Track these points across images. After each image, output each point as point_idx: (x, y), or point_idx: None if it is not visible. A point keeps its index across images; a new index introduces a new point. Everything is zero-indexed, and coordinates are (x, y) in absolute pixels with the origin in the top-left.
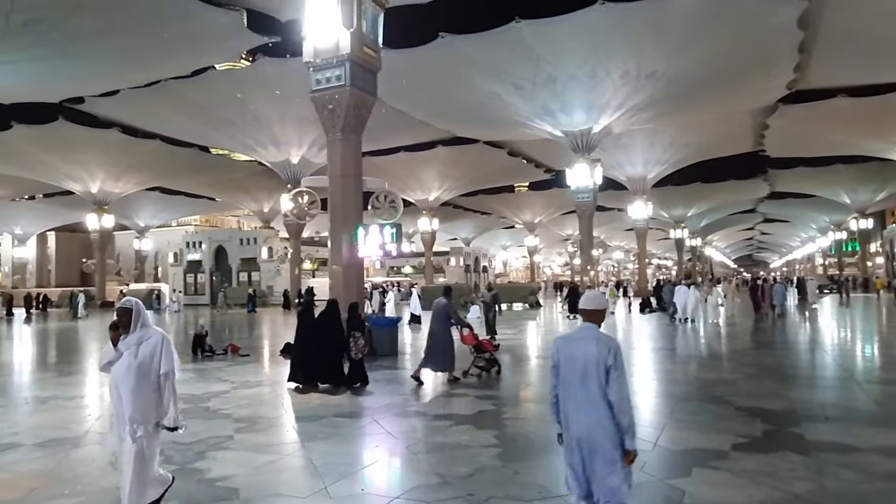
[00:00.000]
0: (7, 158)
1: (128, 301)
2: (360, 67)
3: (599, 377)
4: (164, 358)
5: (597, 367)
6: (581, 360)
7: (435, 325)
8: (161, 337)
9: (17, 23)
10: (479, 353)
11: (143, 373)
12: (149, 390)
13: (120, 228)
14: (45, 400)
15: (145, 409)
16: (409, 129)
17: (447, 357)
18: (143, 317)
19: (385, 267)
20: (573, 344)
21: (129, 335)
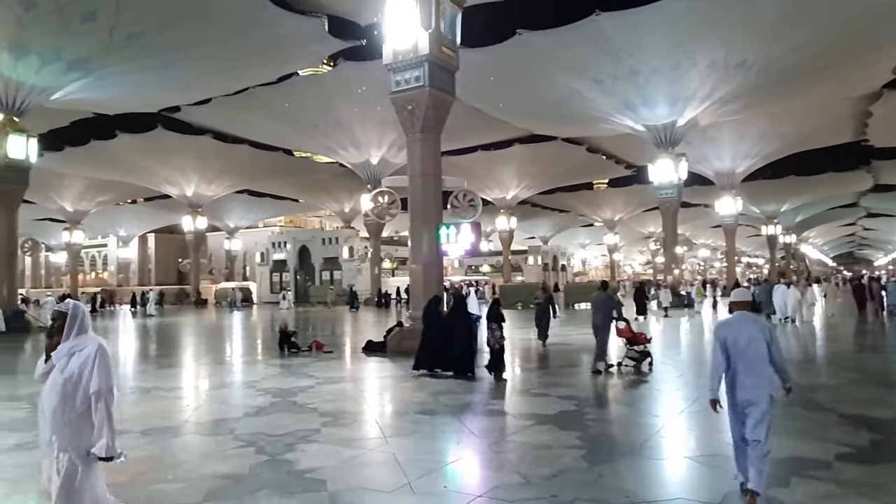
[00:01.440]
0: (112, 165)
1: (65, 304)
2: (439, 67)
3: (761, 348)
4: (95, 373)
5: (758, 342)
6: (745, 338)
7: (596, 317)
8: (96, 348)
9: (119, 37)
10: (632, 345)
11: (70, 390)
12: (76, 411)
13: (212, 230)
14: (149, 390)
15: (72, 434)
16: (486, 128)
17: (602, 347)
18: (82, 323)
19: (463, 266)
20: (735, 327)
21: (62, 344)
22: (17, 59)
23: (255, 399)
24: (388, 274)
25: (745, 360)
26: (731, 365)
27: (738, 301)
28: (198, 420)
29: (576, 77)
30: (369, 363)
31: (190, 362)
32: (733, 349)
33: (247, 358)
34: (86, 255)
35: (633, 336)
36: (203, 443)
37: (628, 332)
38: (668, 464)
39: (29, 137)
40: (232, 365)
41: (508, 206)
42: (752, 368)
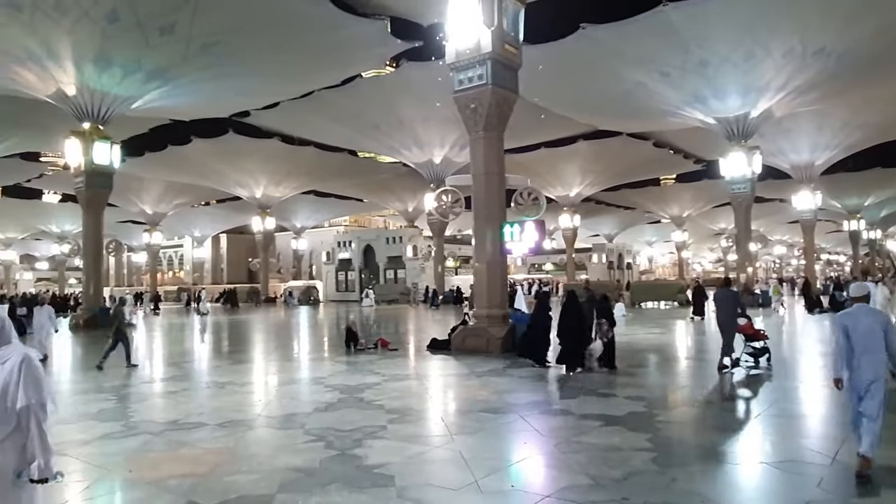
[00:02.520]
0: (188, 169)
1: None
2: (502, 65)
3: (878, 335)
4: (22, 387)
5: (875, 330)
6: (863, 326)
7: (721, 314)
8: (20, 358)
9: (195, 47)
10: (750, 341)
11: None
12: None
13: (280, 230)
14: (223, 385)
15: None
16: (549, 125)
17: (728, 342)
18: (1, 332)
19: (526, 264)
20: (855, 317)
21: None
22: (102, 70)
23: (324, 395)
24: (451, 272)
25: (864, 345)
26: (852, 349)
27: (857, 296)
28: (269, 414)
29: (642, 70)
30: (434, 361)
31: (260, 358)
32: (853, 335)
33: (314, 355)
34: (163, 255)
35: (754, 333)
36: (275, 436)
37: (749, 328)
38: (744, 469)
39: (112, 144)
40: (300, 361)
41: (572, 204)
42: (870, 352)
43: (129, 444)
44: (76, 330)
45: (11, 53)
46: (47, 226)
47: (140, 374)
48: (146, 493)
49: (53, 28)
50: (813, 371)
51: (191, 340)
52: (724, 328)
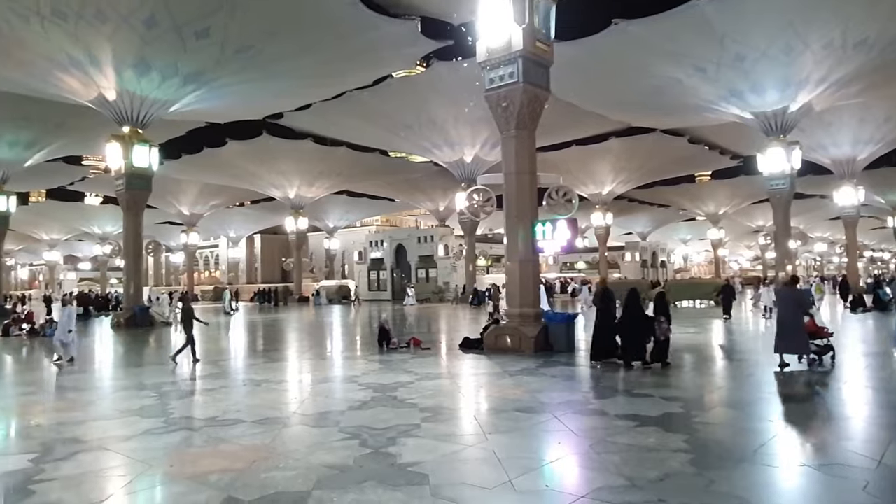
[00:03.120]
0: (223, 170)
1: None
2: (533, 63)
3: None
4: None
5: None
6: None
7: (784, 311)
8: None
9: (229, 50)
10: (814, 339)
11: None
12: None
13: (312, 230)
14: (259, 383)
15: None
16: (580, 122)
17: (799, 340)
18: None
19: (558, 263)
20: None
21: None
22: (141, 75)
23: (357, 393)
24: (482, 271)
25: None
26: None
27: None
28: (304, 412)
29: (676, 66)
30: (466, 360)
31: (294, 357)
32: None
33: (347, 353)
34: (200, 255)
35: (817, 330)
36: (310, 434)
37: (812, 326)
38: (785, 472)
39: (151, 147)
40: (333, 360)
41: (604, 202)
42: None
43: (170, 440)
44: (117, 328)
45: (56, 60)
46: (89, 227)
47: (179, 371)
48: (187, 487)
49: (95, 35)
50: (857, 372)
51: (226, 339)
52: (788, 326)
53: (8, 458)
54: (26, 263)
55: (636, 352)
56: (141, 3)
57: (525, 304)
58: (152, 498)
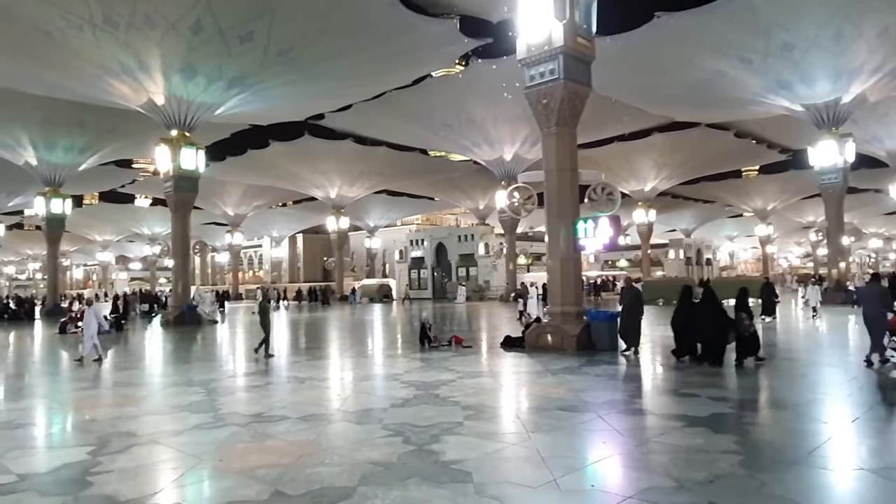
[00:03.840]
0: (266, 171)
1: None
2: (574, 59)
3: None
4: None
5: None
6: None
7: (869, 309)
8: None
9: (272, 54)
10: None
11: None
12: None
13: (353, 229)
14: (303, 380)
15: None
16: (622, 118)
17: (876, 341)
18: None
19: (599, 261)
20: None
21: None
22: (188, 80)
23: (400, 391)
24: (523, 269)
25: None
26: None
27: None
28: (348, 409)
29: (720, 58)
30: (507, 358)
31: (337, 355)
32: None
33: (389, 352)
34: (244, 254)
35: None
36: (354, 431)
37: (895, 323)
38: (840, 475)
39: (198, 150)
40: (375, 358)
41: (647, 199)
42: None
43: (219, 435)
44: (166, 326)
45: (108, 67)
46: (139, 228)
47: (225, 368)
48: (236, 481)
49: (144, 41)
50: None
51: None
52: (872, 323)
53: (67, 450)
54: (81, 264)
55: (717, 350)
56: (187, 9)
57: (567, 303)
58: (203, 491)
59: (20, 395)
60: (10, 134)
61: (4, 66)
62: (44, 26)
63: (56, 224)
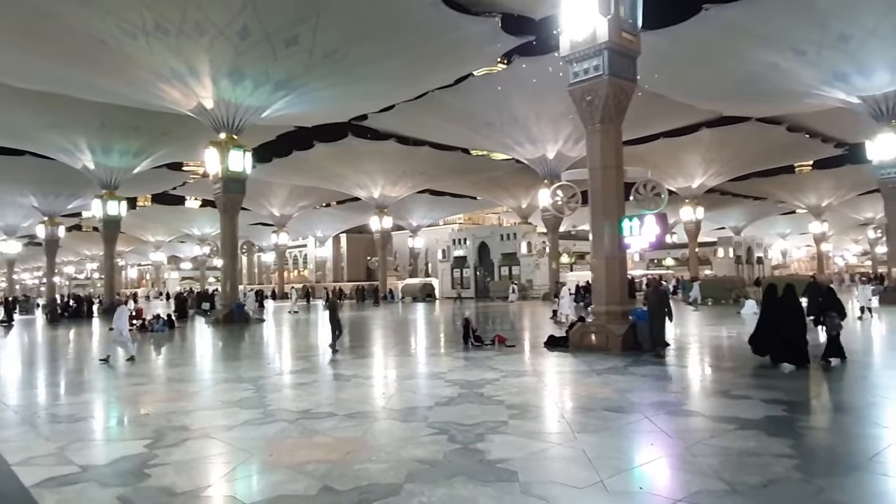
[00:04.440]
0: (311, 172)
1: None
2: (619, 54)
3: None
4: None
5: None
6: None
7: None
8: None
9: (317, 56)
10: None
11: None
12: None
13: (396, 229)
14: (349, 378)
15: None
16: (668, 114)
17: None
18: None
19: (644, 259)
20: None
21: None
22: (235, 84)
23: (444, 390)
24: (566, 268)
25: None
26: None
27: None
28: (393, 407)
29: (772, 50)
30: (551, 358)
31: (381, 353)
32: None
33: (432, 350)
34: (289, 254)
35: None
36: (399, 428)
37: None
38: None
39: (245, 152)
40: (419, 356)
41: (695, 196)
42: None
43: (268, 431)
44: (216, 325)
45: (160, 73)
46: (190, 229)
47: (272, 366)
48: (286, 476)
49: (194, 47)
50: None
51: (315, 335)
52: None
53: (125, 443)
54: (135, 264)
55: (800, 349)
56: (235, 15)
57: (612, 302)
58: (254, 485)
59: (81, 390)
60: (70, 139)
61: (64, 73)
62: (99, 35)
63: (112, 225)
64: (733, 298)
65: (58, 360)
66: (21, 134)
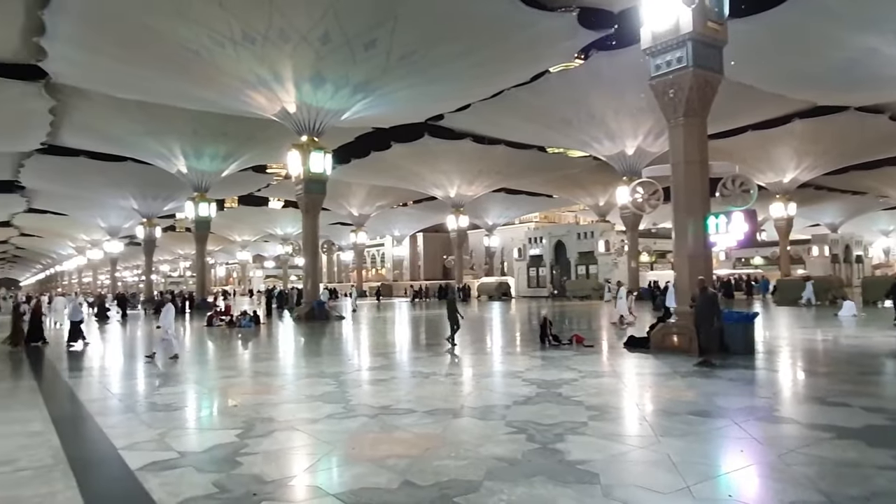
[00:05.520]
0: (388, 173)
1: None
2: (704, 45)
3: None
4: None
5: None
6: None
7: None
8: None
9: (394, 58)
10: None
11: None
12: None
13: (472, 227)
14: (427, 375)
15: None
16: (757, 105)
17: None
18: None
19: (731, 258)
20: None
21: None
22: (317, 88)
23: (521, 389)
24: (646, 268)
25: None
26: None
27: None
28: (471, 405)
29: (873, 33)
30: (631, 359)
31: (458, 351)
32: None
33: (508, 349)
34: (367, 253)
35: None
36: (477, 426)
37: None
38: None
39: (325, 154)
40: (495, 355)
41: (786, 191)
42: None
43: (350, 425)
44: (298, 322)
45: (246, 80)
46: (273, 229)
47: (352, 362)
48: (367, 469)
49: (278, 54)
50: None
51: (391, 333)
52: None
53: (218, 432)
54: (223, 262)
55: None
56: (317, 21)
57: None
58: (338, 476)
59: (177, 381)
60: (166, 145)
61: (160, 83)
62: (192, 46)
63: (203, 226)
64: (829, 299)
65: None
66: (123, 141)
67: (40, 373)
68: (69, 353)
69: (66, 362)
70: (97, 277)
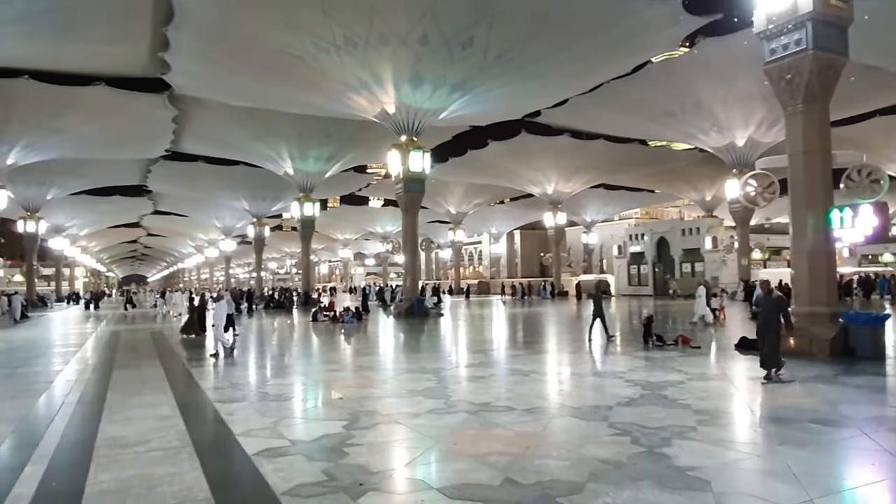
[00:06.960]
0: (485, 171)
1: None
2: (826, 24)
3: None
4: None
5: None
6: None
7: None
8: None
9: (491, 56)
10: None
11: None
12: None
13: (570, 224)
14: (527, 373)
15: None
16: (886, 87)
17: None
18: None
19: (855, 255)
20: None
21: None
22: (415, 88)
23: (625, 390)
24: (758, 265)
25: None
26: None
27: None
28: (572, 404)
29: None
30: (742, 361)
31: (556, 349)
32: None
33: (610, 348)
34: (465, 250)
35: None
36: (579, 426)
37: None
38: None
39: (424, 153)
40: (596, 354)
41: None
42: None
43: (451, 420)
44: (398, 318)
45: (349, 83)
46: (373, 227)
47: (451, 358)
48: (469, 465)
49: (378, 57)
50: None
51: (489, 330)
52: None
53: (325, 423)
54: (326, 260)
55: None
56: (415, 23)
57: (817, 302)
58: (440, 471)
59: (287, 373)
60: (274, 148)
61: (268, 90)
62: (297, 52)
63: (308, 225)
64: None
65: (265, 346)
66: (235, 146)
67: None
68: None
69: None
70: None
